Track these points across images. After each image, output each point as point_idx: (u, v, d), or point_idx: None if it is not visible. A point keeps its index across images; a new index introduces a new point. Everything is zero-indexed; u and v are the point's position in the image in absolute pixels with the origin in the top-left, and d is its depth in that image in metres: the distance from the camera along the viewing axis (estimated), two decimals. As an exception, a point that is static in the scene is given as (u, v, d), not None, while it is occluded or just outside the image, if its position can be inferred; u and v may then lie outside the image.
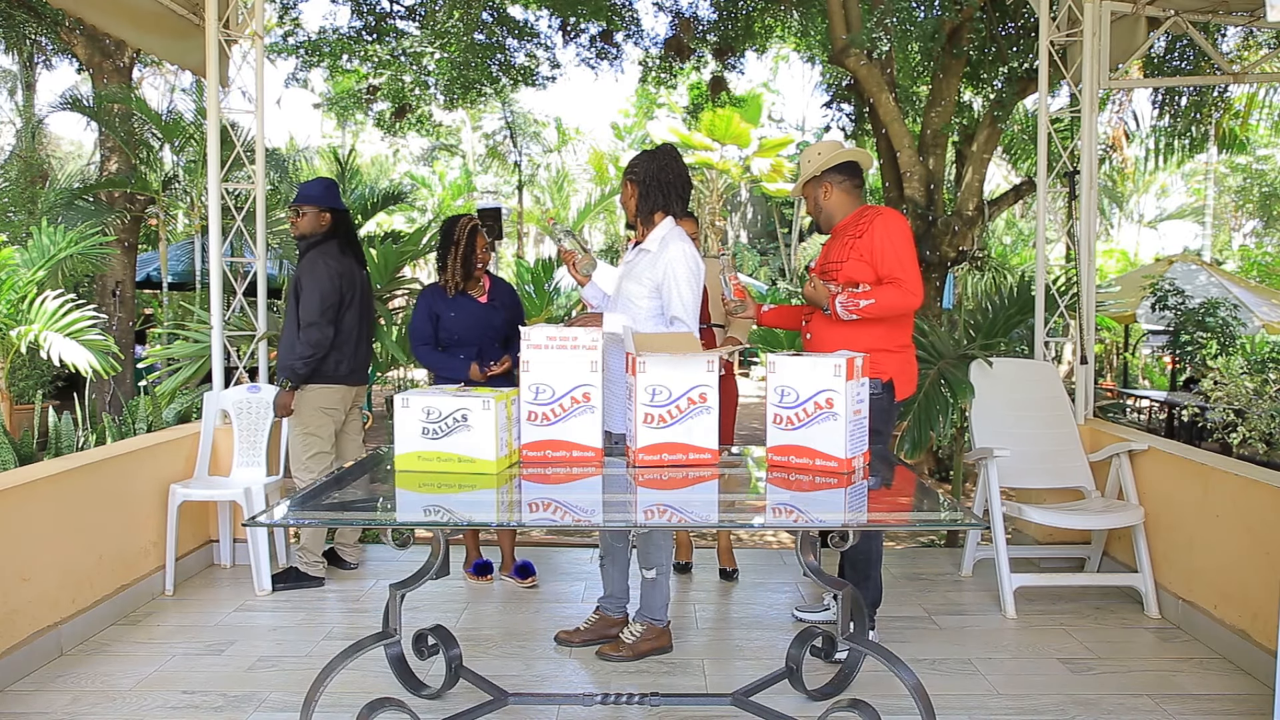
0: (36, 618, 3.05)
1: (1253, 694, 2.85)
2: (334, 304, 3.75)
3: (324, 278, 3.74)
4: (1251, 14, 4.62)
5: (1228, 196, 22.17)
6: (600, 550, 3.31)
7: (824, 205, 3.16)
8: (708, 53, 9.32)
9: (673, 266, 2.85)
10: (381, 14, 9.11)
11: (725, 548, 4.12)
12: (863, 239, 2.99)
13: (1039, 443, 3.99)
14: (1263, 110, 7.84)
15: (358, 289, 3.89)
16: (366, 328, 3.97)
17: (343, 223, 3.93)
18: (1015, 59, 6.69)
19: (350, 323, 3.85)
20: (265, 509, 2.75)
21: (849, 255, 3.01)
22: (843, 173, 3.12)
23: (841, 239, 3.09)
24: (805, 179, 3.18)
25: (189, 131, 8.75)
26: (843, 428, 2.38)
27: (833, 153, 3.13)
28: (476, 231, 3.77)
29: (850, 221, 3.09)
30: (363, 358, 3.97)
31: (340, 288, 3.79)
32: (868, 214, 3.06)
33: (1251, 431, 5.03)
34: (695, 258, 2.91)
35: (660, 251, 2.89)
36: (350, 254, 3.92)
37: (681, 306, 2.86)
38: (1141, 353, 14.60)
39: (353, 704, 2.43)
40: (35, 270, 6.00)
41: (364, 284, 3.95)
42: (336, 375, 3.84)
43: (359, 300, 3.89)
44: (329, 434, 3.87)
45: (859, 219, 3.06)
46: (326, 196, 3.85)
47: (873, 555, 3.15)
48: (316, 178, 4.10)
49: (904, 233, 3.00)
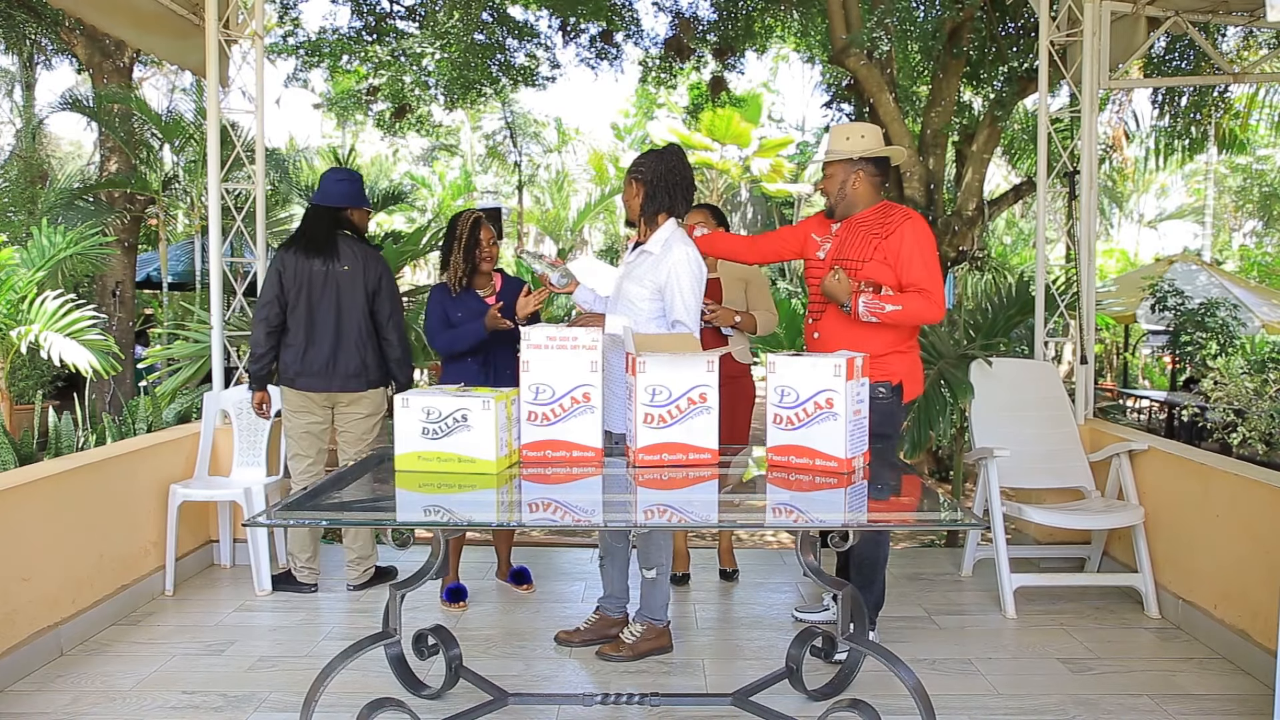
0: (36, 618, 3.05)
1: (1253, 694, 2.85)
2: (266, 303, 3.61)
3: (267, 276, 3.66)
4: (1251, 14, 4.62)
5: (1228, 196, 22.16)
6: (600, 550, 3.30)
7: (848, 192, 3.02)
8: (708, 53, 9.32)
9: (676, 270, 2.84)
10: (381, 14, 9.11)
11: (726, 548, 4.11)
12: (889, 240, 2.90)
13: (1039, 443, 3.99)
14: (1263, 110, 7.85)
15: (310, 289, 3.61)
16: (329, 328, 3.63)
17: (308, 217, 3.75)
18: (1015, 59, 6.70)
19: (296, 323, 3.62)
20: (265, 509, 2.75)
21: (871, 255, 2.92)
22: (876, 165, 3.02)
23: (859, 233, 2.98)
24: (840, 157, 3.00)
25: (189, 131, 8.76)
26: (843, 428, 2.37)
27: (875, 142, 3.01)
28: (480, 224, 3.59)
29: (872, 216, 2.99)
30: (317, 362, 3.63)
31: (276, 286, 3.61)
32: (894, 214, 2.96)
33: (1251, 431, 5.03)
34: (698, 261, 2.90)
35: (663, 254, 2.88)
36: (308, 251, 3.62)
37: (684, 310, 2.85)
38: (1141, 353, 14.60)
39: (353, 704, 2.43)
40: (35, 270, 6.01)
41: (325, 281, 3.61)
42: (285, 378, 3.68)
43: (309, 300, 3.61)
44: (299, 437, 3.74)
45: (884, 216, 2.97)
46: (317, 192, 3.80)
47: (879, 559, 3.11)
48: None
49: (932, 242, 2.94)
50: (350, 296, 3.65)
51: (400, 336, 3.75)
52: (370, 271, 3.68)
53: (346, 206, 3.73)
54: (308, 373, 3.64)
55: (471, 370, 3.59)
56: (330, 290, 3.63)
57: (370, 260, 3.70)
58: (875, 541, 3.06)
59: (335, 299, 3.63)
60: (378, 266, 3.71)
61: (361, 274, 3.66)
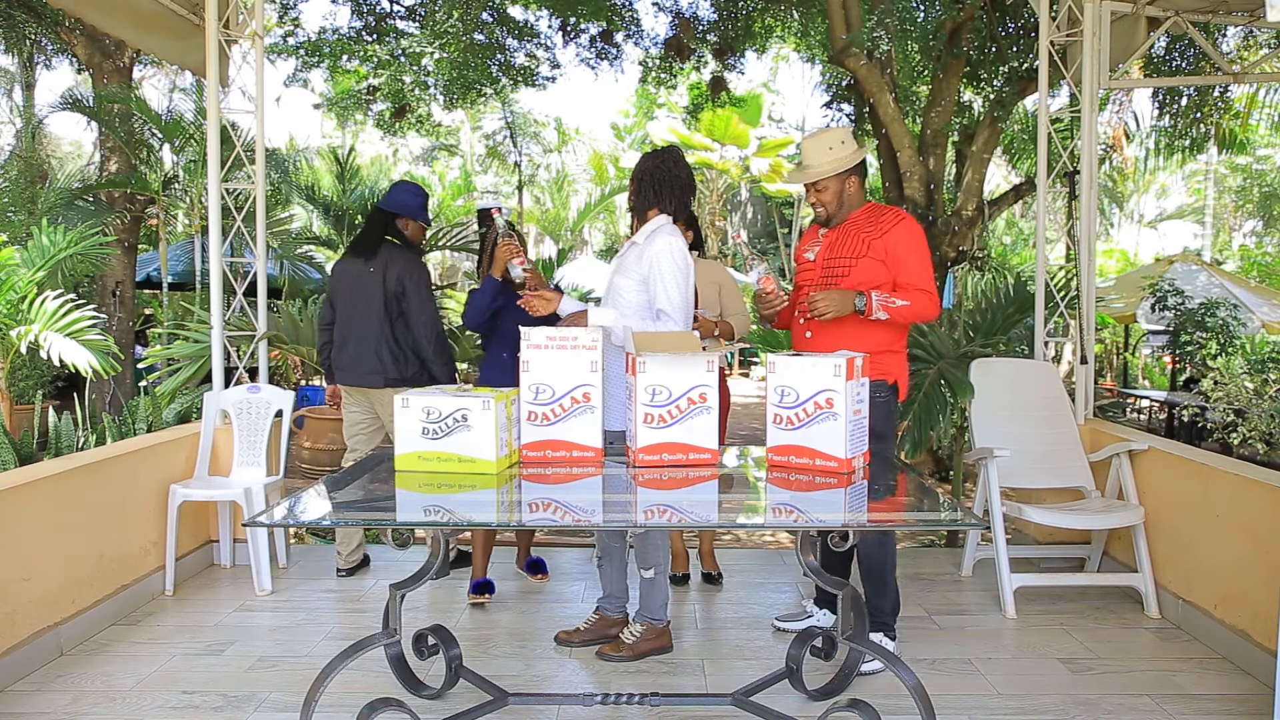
0: (36, 618, 3.05)
1: (1253, 694, 2.85)
2: (327, 302, 4.04)
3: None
4: (1251, 14, 4.62)
5: (1228, 196, 22.17)
6: (598, 551, 3.31)
7: (845, 200, 3.03)
8: (708, 53, 9.31)
9: (658, 259, 2.84)
10: (381, 14, 9.11)
11: (707, 551, 4.05)
12: (884, 239, 2.92)
13: (1039, 443, 3.99)
14: (1263, 110, 7.84)
15: (344, 287, 3.91)
16: (356, 326, 3.86)
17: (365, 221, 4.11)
18: (1015, 59, 6.70)
19: (338, 319, 3.95)
20: (265, 509, 2.75)
21: (865, 251, 2.93)
22: (859, 168, 3.06)
23: (850, 233, 2.99)
24: (835, 172, 2.98)
25: (189, 131, 8.76)
26: (843, 428, 2.37)
27: (852, 144, 3.02)
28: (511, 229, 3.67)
29: (862, 217, 3.01)
30: (345, 357, 3.90)
31: (330, 286, 4.04)
32: (886, 214, 2.99)
33: (1251, 431, 5.04)
34: (682, 251, 2.91)
35: (646, 245, 2.90)
36: (353, 253, 3.94)
37: (667, 299, 2.84)
38: (1141, 353, 14.59)
39: (353, 704, 2.43)
40: (35, 270, 6.00)
41: (357, 282, 3.86)
42: (331, 371, 4.03)
43: (344, 298, 3.91)
44: (347, 428, 4.06)
45: (875, 216, 2.99)
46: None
47: (887, 563, 3.06)
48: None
49: (925, 241, 2.99)
50: (370, 296, 3.84)
51: (430, 335, 3.85)
52: (391, 273, 3.82)
53: (398, 214, 3.93)
54: (341, 367, 3.93)
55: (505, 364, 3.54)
56: (359, 290, 3.86)
57: (394, 263, 3.83)
58: (880, 544, 3.03)
59: (362, 298, 3.85)
60: (400, 269, 3.83)
61: (383, 276, 3.82)
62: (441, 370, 3.90)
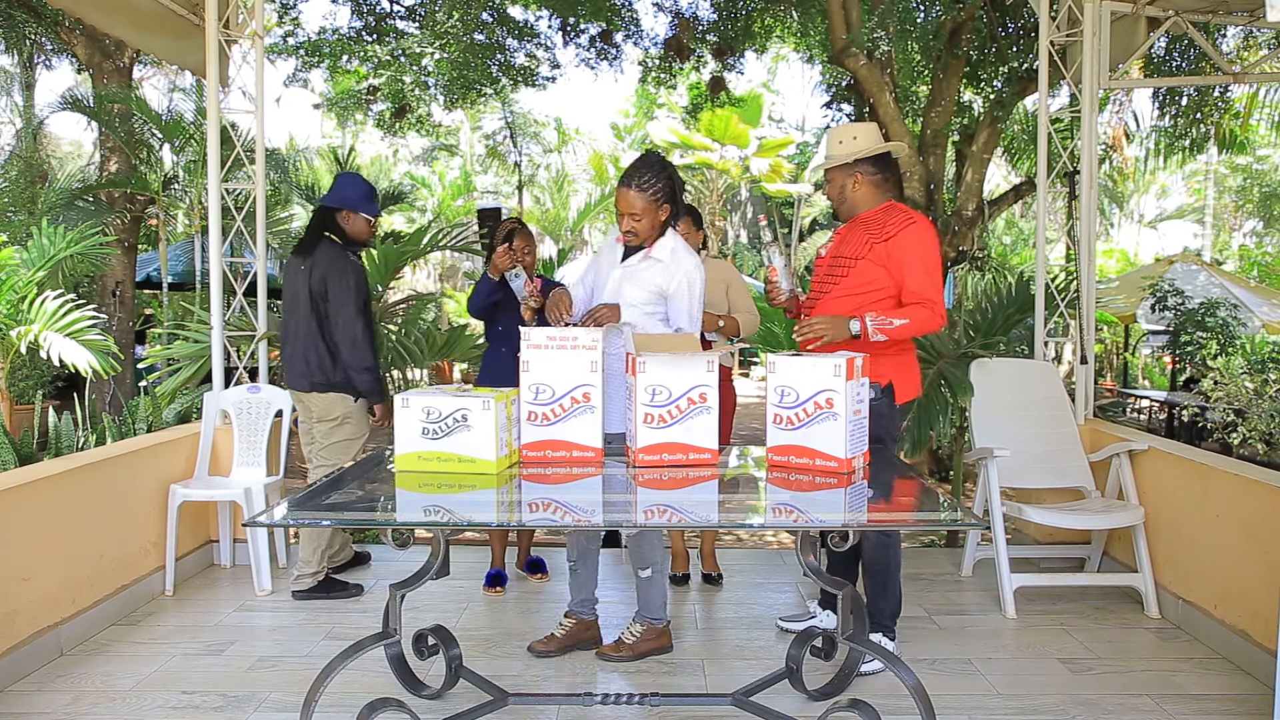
0: (36, 618, 3.05)
1: (1253, 694, 2.85)
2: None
3: None
4: (1251, 14, 4.62)
5: (1228, 196, 22.18)
6: (573, 554, 3.19)
7: (849, 195, 2.97)
8: (707, 53, 9.32)
9: (691, 278, 2.87)
10: (381, 14, 9.11)
11: (708, 551, 4.04)
12: (889, 243, 2.83)
13: (1039, 443, 3.99)
14: (1263, 110, 7.84)
15: (285, 288, 3.74)
16: (289, 328, 3.70)
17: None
18: (1015, 59, 6.70)
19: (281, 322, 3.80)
20: (265, 509, 2.75)
21: (866, 254, 2.87)
22: (875, 164, 2.93)
23: (859, 232, 2.93)
24: (836, 163, 2.94)
25: (189, 131, 8.76)
26: (843, 428, 2.37)
27: (870, 141, 2.92)
28: (514, 234, 3.63)
29: (874, 216, 2.93)
30: (285, 360, 3.75)
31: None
32: (897, 217, 2.87)
33: (1251, 431, 5.03)
34: (703, 270, 2.95)
35: (673, 262, 2.87)
36: (294, 251, 3.76)
37: (689, 319, 2.89)
38: (1141, 353, 14.60)
39: (353, 704, 2.43)
40: (35, 270, 6.00)
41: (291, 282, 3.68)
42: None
43: (285, 299, 3.75)
44: (303, 435, 3.90)
45: (887, 217, 2.89)
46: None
47: (891, 565, 3.02)
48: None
49: (936, 248, 2.86)
50: (299, 297, 3.64)
51: (346, 337, 3.59)
52: (316, 272, 3.59)
53: (336, 208, 3.69)
54: (287, 371, 3.77)
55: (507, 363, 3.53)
56: (290, 290, 3.71)
57: (320, 261, 3.60)
58: (884, 545, 2.99)
59: (293, 298, 3.68)
60: (324, 268, 3.59)
61: (309, 275, 3.60)
62: (359, 377, 3.63)
